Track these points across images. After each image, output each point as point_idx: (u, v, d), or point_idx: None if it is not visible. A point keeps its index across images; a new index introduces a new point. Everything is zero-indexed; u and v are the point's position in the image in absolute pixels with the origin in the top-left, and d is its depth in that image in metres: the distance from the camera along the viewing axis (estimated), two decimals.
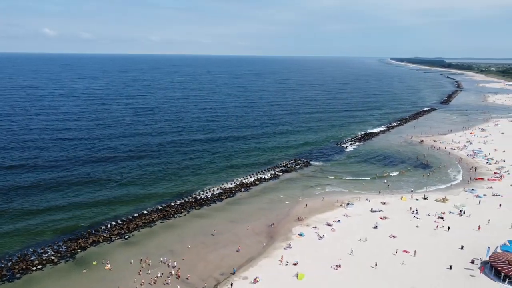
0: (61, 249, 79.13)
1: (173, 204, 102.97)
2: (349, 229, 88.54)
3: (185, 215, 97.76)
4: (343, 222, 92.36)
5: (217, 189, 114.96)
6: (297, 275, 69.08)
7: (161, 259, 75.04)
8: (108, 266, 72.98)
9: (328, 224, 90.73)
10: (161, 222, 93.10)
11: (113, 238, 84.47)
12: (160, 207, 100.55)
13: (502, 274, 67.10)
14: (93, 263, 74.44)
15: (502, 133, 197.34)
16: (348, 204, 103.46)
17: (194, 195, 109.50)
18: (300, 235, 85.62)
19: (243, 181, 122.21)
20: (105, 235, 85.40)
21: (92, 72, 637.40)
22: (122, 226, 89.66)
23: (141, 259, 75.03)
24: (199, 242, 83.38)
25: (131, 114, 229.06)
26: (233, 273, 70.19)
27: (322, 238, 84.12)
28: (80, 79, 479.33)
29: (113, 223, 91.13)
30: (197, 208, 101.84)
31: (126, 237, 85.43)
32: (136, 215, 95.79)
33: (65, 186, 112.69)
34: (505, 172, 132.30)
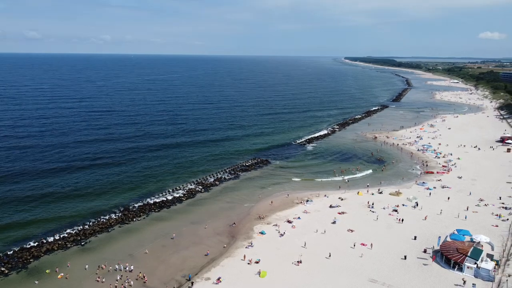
0: (12, 259, 75.10)
1: (131, 207, 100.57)
2: (309, 225, 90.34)
3: (144, 218, 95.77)
4: (303, 218, 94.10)
5: (177, 190, 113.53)
6: (259, 273, 69.65)
7: (120, 264, 73.10)
8: (63, 274, 70.10)
9: (289, 221, 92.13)
10: (119, 227, 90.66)
11: (69, 245, 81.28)
12: (118, 211, 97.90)
13: (452, 261, 71.00)
14: (46, 271, 71.26)
15: (449, 128, 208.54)
16: (307, 201, 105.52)
17: (153, 198, 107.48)
18: (261, 233, 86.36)
19: (203, 181, 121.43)
20: (60, 242, 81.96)
21: (40, 73, 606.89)
22: (78, 232, 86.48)
23: (98, 266, 72.74)
24: (160, 245, 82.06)
25: (85, 118, 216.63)
26: (188, 279, 68.22)
27: (283, 235, 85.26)
28: (27, 80, 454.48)
29: (69, 230, 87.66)
30: (156, 210, 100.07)
31: (82, 243, 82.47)
32: (93, 220, 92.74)
33: (15, 198, 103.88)
34: (452, 165, 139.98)
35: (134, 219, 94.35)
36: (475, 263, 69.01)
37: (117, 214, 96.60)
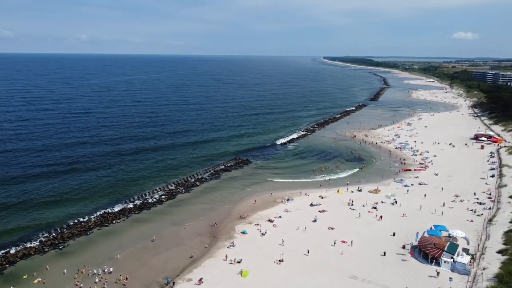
0: None
1: (111, 210, 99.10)
2: (290, 224, 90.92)
3: (124, 220, 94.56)
4: (284, 217, 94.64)
5: (157, 192, 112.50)
6: (241, 272, 69.76)
7: (99, 267, 71.98)
8: (40, 279, 68.55)
9: (270, 220, 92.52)
10: (98, 229, 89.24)
11: (46, 249, 79.58)
12: (97, 214, 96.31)
13: (430, 257, 72.67)
14: (24, 277, 69.60)
15: (425, 126, 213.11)
16: (288, 199, 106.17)
17: (133, 200, 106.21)
18: (243, 232, 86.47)
19: (184, 182, 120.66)
20: (36, 246, 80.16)
21: (13, 73, 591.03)
22: (56, 236, 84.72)
23: (78, 270, 71.46)
24: (140, 247, 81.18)
25: (62, 120, 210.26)
26: (167, 284, 67.30)
27: (264, 234, 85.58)
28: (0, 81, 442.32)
29: (46, 234, 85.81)
30: (136, 212, 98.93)
31: (60, 247, 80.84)
32: (71, 223, 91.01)
33: None
34: (429, 162, 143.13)
35: (114, 222, 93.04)
36: (452, 258, 70.80)
37: (96, 217, 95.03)
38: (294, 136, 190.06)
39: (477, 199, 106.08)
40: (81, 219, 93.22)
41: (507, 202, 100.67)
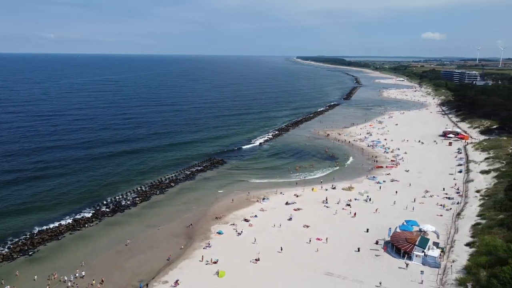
0: None
1: (83, 213, 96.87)
2: (266, 223, 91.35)
3: (97, 223, 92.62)
4: (260, 216, 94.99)
5: (131, 194, 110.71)
6: (218, 273, 69.55)
7: (71, 272, 70.24)
8: (9, 286, 66.22)
9: (246, 220, 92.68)
10: (70, 234, 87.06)
11: (15, 256, 76.95)
12: (69, 218, 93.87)
13: (402, 251, 74.59)
14: None
15: (396, 124, 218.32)
16: (263, 198, 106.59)
17: (106, 203, 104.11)
18: (219, 233, 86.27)
19: (158, 183, 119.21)
20: (5, 253, 77.44)
21: None
22: (25, 242, 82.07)
23: (49, 276, 69.47)
24: (115, 250, 79.68)
25: (30, 123, 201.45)
26: None
27: (240, 234, 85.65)
28: None
29: (15, 239, 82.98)
30: (110, 215, 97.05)
31: (30, 253, 78.36)
32: (40, 229, 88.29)
33: None
34: (400, 159, 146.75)
35: (86, 225, 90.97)
36: (423, 251, 72.89)
37: (67, 221, 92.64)
38: (269, 136, 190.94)
39: (446, 194, 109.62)
40: (52, 225, 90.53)
41: (474, 196, 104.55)
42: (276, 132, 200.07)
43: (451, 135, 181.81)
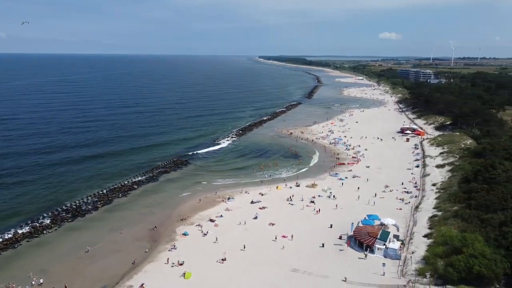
0: None
1: (41, 220, 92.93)
2: (232, 222, 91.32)
3: (56, 229, 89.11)
4: (225, 216, 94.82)
5: (92, 198, 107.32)
6: (184, 274, 68.85)
7: (29, 281, 67.29)
8: None
9: (211, 220, 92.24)
10: (27, 241, 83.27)
11: None
12: (25, 225, 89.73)
13: (364, 245, 76.77)
14: None
15: (357, 122, 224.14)
16: (229, 198, 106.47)
17: (65, 207, 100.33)
18: (184, 234, 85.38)
19: (120, 186, 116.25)
20: None
21: None
22: None
23: (5, 286, 66.23)
24: (75, 256, 76.96)
25: None
26: None
27: (206, 234, 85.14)
28: None
29: None
30: (69, 220, 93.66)
31: None
32: None
33: None
34: (360, 156, 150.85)
35: (45, 232, 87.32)
36: (384, 244, 75.35)
37: (24, 228, 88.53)
38: (234, 136, 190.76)
39: (405, 188, 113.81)
40: (8, 233, 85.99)
41: (431, 190, 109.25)
42: (241, 132, 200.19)
43: (408, 132, 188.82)
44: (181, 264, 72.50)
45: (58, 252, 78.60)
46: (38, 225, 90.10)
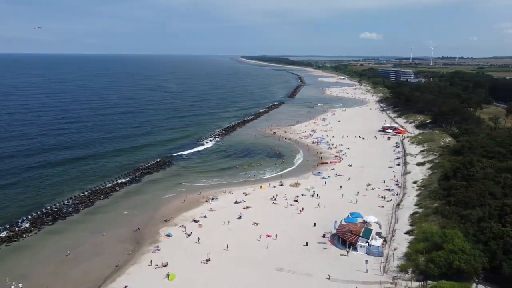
0: None
1: (20, 224, 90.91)
2: (216, 222, 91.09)
3: (36, 233, 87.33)
4: (209, 216, 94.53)
5: (73, 200, 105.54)
6: (168, 276, 68.38)
7: (8, 286, 65.82)
8: None
9: (195, 221, 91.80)
10: (6, 246, 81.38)
11: None
12: (3, 230, 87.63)
13: (347, 242, 77.64)
14: None
15: (339, 121, 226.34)
16: (212, 198, 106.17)
17: (45, 210, 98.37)
18: (168, 235, 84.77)
19: (101, 188, 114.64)
20: None
21: None
22: None
23: None
24: (57, 260, 75.58)
25: None
26: None
27: (190, 235, 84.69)
28: None
29: None
30: (50, 223, 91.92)
31: None
32: None
33: None
34: (343, 154, 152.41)
35: (24, 235, 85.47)
36: (367, 242, 76.34)
37: (2, 233, 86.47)
38: (217, 135, 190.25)
39: (386, 186, 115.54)
40: None
41: (412, 187, 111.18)
42: (224, 132, 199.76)
43: (389, 130, 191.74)
44: (165, 266, 71.97)
45: (39, 256, 77.10)
46: (17, 229, 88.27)
